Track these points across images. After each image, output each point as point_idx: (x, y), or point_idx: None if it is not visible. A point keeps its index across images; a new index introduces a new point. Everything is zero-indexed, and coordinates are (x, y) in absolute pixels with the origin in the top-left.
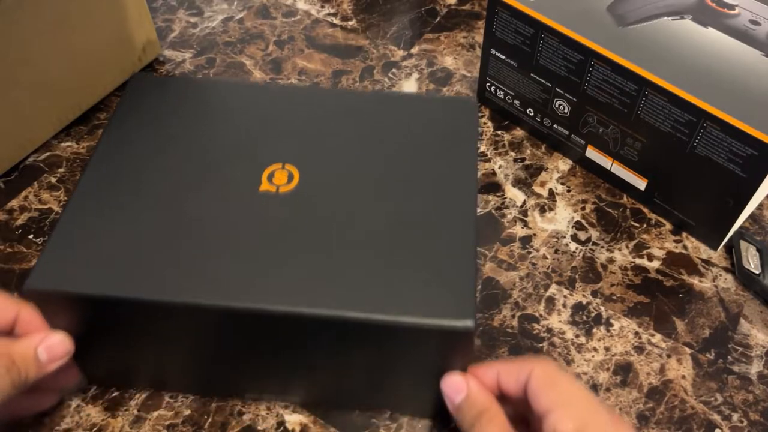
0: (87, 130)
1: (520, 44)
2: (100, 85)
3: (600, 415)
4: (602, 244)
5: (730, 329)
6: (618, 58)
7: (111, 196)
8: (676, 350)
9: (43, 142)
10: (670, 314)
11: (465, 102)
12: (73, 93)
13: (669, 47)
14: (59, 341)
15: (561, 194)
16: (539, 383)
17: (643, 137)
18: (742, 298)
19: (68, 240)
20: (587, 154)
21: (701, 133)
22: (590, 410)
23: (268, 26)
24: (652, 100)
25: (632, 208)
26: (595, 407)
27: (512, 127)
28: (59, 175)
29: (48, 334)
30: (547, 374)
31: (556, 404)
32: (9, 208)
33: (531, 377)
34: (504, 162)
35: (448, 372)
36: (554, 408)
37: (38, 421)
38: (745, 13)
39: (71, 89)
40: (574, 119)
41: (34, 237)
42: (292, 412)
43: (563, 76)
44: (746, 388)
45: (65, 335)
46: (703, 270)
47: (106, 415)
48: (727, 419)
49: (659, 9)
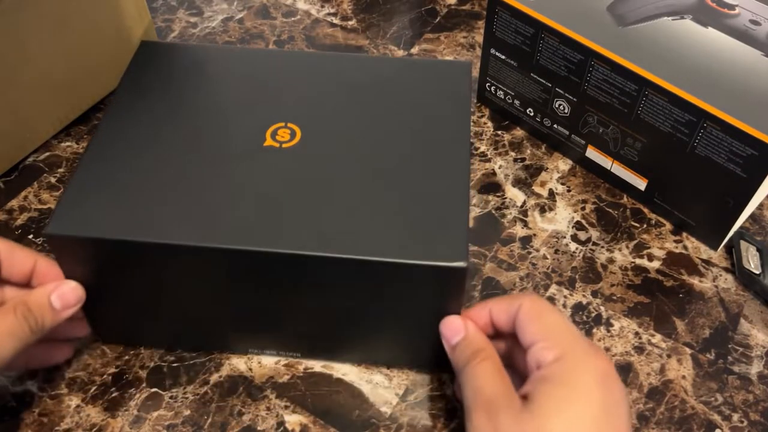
0: (87, 130)
1: (520, 44)
2: (100, 84)
3: (578, 345)
4: (602, 244)
5: (731, 329)
6: (618, 58)
7: (126, 146)
8: (677, 350)
9: (43, 142)
10: (670, 314)
11: (459, 64)
12: (73, 93)
13: (669, 47)
14: (71, 289)
15: (561, 194)
16: (526, 316)
17: (643, 137)
18: (743, 298)
19: (86, 187)
20: (587, 154)
21: (701, 133)
22: (570, 340)
23: (268, 26)
24: (652, 100)
25: (632, 208)
26: (575, 338)
27: (512, 127)
28: (59, 175)
29: (60, 283)
30: (534, 308)
31: (540, 336)
32: (9, 208)
33: (519, 311)
34: (504, 162)
35: (447, 316)
36: (538, 340)
37: (38, 421)
38: (745, 13)
39: (71, 89)
40: (574, 119)
41: (34, 237)
42: (292, 413)
43: (563, 76)
44: (746, 389)
45: (77, 284)
46: (703, 270)
47: (105, 415)
48: (727, 419)
49: (659, 9)
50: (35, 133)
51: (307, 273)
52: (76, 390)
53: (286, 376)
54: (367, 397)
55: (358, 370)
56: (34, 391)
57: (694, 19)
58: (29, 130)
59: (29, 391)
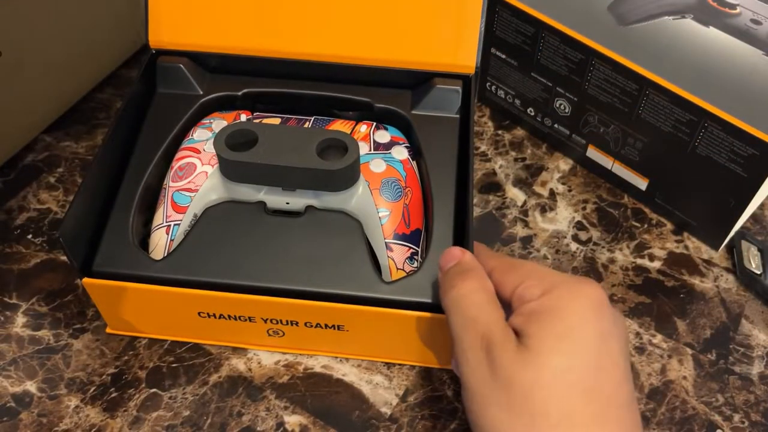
0: (86, 130)
1: (520, 43)
2: (98, 66)
3: (565, 277)
4: (603, 244)
5: (732, 330)
6: (619, 58)
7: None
8: (677, 351)
9: (44, 130)
10: (671, 315)
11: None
12: (72, 75)
13: (670, 46)
14: None
15: (562, 194)
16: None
17: (644, 137)
18: (744, 298)
19: None
20: (588, 153)
21: (702, 132)
22: (555, 275)
23: None
24: (653, 100)
25: (633, 208)
26: (559, 273)
27: (513, 126)
28: (58, 175)
29: None
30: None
31: (521, 278)
32: (8, 208)
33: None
34: (504, 162)
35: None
36: (519, 282)
37: (37, 421)
38: (746, 12)
39: (69, 71)
40: (574, 119)
41: (33, 237)
42: (292, 413)
43: (564, 76)
44: (747, 389)
45: None
46: (704, 270)
47: (105, 415)
48: (728, 420)
49: (660, 8)
50: (39, 116)
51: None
52: (75, 390)
53: (285, 376)
54: (367, 398)
55: (358, 371)
56: (33, 391)
57: (695, 18)
58: (32, 113)
59: (28, 392)
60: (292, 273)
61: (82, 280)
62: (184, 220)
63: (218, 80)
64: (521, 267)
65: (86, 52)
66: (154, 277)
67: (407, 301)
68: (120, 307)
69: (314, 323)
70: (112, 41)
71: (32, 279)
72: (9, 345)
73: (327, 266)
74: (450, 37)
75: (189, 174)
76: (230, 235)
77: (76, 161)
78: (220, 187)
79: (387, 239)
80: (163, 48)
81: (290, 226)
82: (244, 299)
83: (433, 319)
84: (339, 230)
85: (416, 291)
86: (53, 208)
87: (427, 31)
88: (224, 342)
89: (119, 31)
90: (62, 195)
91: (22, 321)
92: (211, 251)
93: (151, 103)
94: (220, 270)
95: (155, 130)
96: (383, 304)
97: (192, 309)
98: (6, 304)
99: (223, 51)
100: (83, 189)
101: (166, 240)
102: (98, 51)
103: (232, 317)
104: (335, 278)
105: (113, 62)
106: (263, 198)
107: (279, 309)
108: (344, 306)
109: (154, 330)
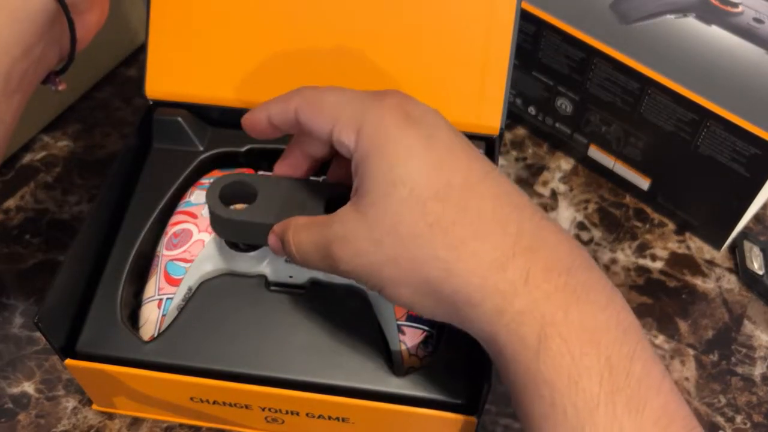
0: (84, 129)
1: (521, 42)
2: (95, 65)
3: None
4: (605, 244)
5: (734, 330)
6: (621, 56)
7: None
8: (679, 351)
9: (41, 130)
10: (673, 315)
11: None
12: (69, 73)
13: (672, 45)
14: None
15: (563, 194)
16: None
17: (646, 136)
18: (746, 299)
19: None
20: (590, 153)
21: (704, 132)
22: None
23: None
24: (656, 99)
25: (635, 208)
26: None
27: (514, 125)
28: (56, 175)
29: None
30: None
31: (329, 121)
32: (5, 208)
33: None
34: (505, 161)
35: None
36: (329, 126)
37: (35, 422)
38: (748, 11)
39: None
40: (576, 118)
41: (31, 237)
42: None
43: (565, 75)
44: (750, 390)
45: None
46: (706, 270)
47: (103, 417)
48: (730, 421)
49: (663, 7)
50: (39, 115)
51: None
52: (73, 391)
53: None
54: None
55: None
56: (31, 392)
57: (698, 17)
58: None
59: (26, 393)
60: (293, 361)
61: (65, 362)
62: (177, 293)
63: (220, 135)
64: (322, 102)
65: (84, 50)
66: (143, 360)
67: (420, 397)
68: (106, 388)
69: (317, 414)
70: (110, 40)
71: (30, 279)
72: (7, 345)
73: (331, 354)
74: (474, 95)
75: (184, 242)
76: (227, 315)
77: (74, 161)
78: (218, 258)
79: (399, 321)
80: (161, 99)
81: (293, 304)
82: (239, 389)
83: (448, 420)
84: (345, 310)
85: (430, 385)
86: (51, 207)
87: (450, 88)
88: (219, 425)
89: (117, 30)
90: (60, 195)
91: (19, 321)
92: (205, 333)
93: (146, 160)
94: (214, 356)
95: (150, 190)
96: (394, 399)
97: (184, 394)
98: (4, 305)
99: (225, 104)
100: (70, 259)
101: (157, 315)
102: (96, 49)
103: (227, 404)
104: (340, 368)
105: (111, 61)
106: (264, 271)
107: (278, 400)
108: (349, 400)
109: (144, 410)
